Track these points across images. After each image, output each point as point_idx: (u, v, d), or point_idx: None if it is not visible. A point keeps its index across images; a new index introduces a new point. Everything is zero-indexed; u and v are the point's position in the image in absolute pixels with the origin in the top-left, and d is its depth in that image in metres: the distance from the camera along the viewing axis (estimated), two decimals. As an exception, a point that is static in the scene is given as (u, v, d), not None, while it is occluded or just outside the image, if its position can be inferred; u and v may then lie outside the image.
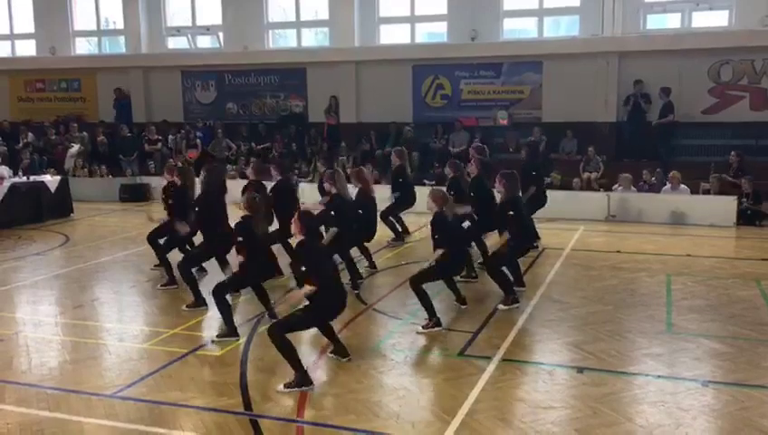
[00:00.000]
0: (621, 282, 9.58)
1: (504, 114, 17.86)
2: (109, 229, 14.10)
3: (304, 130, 19.28)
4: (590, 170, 15.96)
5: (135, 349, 7.13)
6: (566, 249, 11.59)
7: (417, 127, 18.13)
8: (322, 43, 20.03)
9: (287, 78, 19.93)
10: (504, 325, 7.71)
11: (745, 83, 16.38)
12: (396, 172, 12.35)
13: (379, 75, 18.85)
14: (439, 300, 8.19)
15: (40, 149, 19.65)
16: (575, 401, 5.79)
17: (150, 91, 21.22)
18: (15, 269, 10.72)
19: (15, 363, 6.79)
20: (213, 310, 7.88)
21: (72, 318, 8.20)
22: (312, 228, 6.35)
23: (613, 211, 14.49)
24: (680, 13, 17.04)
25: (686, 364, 6.57)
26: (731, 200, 13.86)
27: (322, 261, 6.32)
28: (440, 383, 6.20)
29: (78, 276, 10.22)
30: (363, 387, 6.10)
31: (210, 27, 20.64)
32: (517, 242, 8.56)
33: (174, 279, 9.26)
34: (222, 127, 19.37)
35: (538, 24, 18.15)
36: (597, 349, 6.94)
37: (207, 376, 6.43)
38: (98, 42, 22.31)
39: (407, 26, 19.11)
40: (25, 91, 22.60)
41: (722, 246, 12.12)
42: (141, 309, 8.73)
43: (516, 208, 8.55)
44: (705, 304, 8.50)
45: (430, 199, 7.79)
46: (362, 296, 8.88)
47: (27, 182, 15.05)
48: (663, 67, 16.53)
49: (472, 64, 18.14)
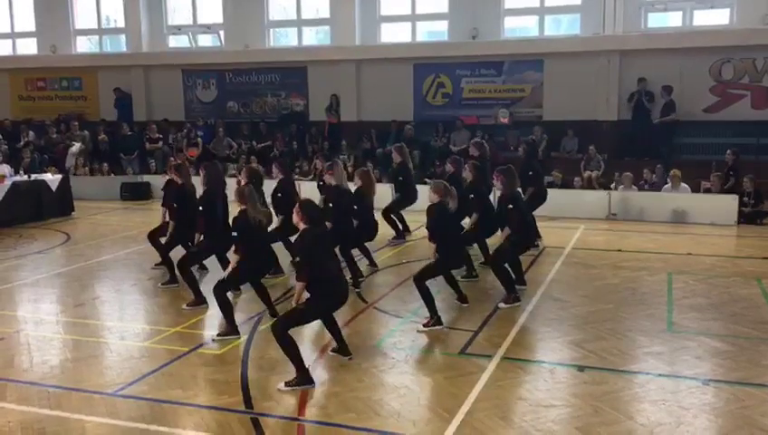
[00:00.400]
0: (622, 280, 9.58)
1: (505, 113, 17.85)
2: (110, 228, 14.11)
3: (305, 128, 19.29)
4: (591, 169, 15.96)
5: (136, 347, 7.14)
6: (567, 248, 11.59)
7: (418, 125, 18.13)
8: (323, 42, 20.03)
9: (288, 76, 19.94)
10: (505, 324, 7.71)
11: (746, 82, 16.38)
12: (397, 169, 12.33)
13: (380, 74, 18.85)
14: (440, 299, 8.19)
15: (41, 148, 19.67)
16: (576, 400, 5.79)
17: (151, 90, 21.24)
18: (17, 268, 10.73)
19: (17, 362, 6.80)
20: (213, 308, 7.88)
21: (74, 316, 8.21)
22: (314, 217, 6.34)
23: (614, 210, 14.49)
24: (681, 11, 17.02)
25: (686, 363, 6.57)
26: (732, 199, 13.85)
27: (320, 250, 6.24)
28: (441, 382, 6.20)
29: (79, 275, 10.23)
30: (364, 385, 6.11)
31: (211, 26, 20.64)
32: (518, 237, 8.57)
33: (175, 278, 9.26)
34: (223, 125, 19.38)
35: (539, 22, 18.13)
36: (598, 347, 6.94)
37: (208, 374, 6.43)
38: (99, 40, 22.32)
39: (407, 25, 19.10)
40: (26, 90, 22.62)
41: (723, 245, 12.12)
42: (142, 307, 8.74)
43: (515, 203, 8.59)
44: (706, 303, 8.51)
45: (432, 191, 7.82)
46: (363, 295, 8.88)
47: (28, 181, 15.06)
48: (664, 65, 16.53)
49: (473, 63, 18.15)
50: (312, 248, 6.19)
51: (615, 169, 15.48)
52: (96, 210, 16.14)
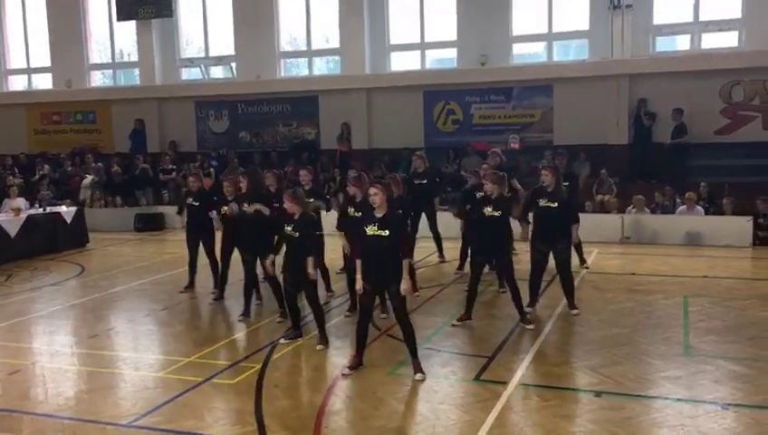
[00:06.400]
0: (637, 304, 9.50)
1: (515, 138, 17.90)
2: (123, 259, 14.19)
3: (317, 157, 19.41)
4: (604, 193, 15.92)
5: (150, 378, 7.14)
6: (581, 272, 11.52)
7: (429, 152, 18.08)
8: (334, 71, 20.24)
9: (299, 106, 20.12)
10: (520, 349, 7.66)
11: (757, 103, 16.36)
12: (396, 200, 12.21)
13: (391, 101, 18.99)
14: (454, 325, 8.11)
15: (56, 181, 19.88)
16: (594, 426, 5.72)
17: (164, 122, 21.49)
18: (32, 300, 10.80)
19: (32, 394, 6.81)
20: (225, 338, 7.84)
21: (88, 348, 8.23)
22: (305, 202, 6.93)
23: (627, 233, 14.42)
24: (689, 34, 17.09)
25: (705, 387, 6.49)
26: (746, 220, 13.76)
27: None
28: (456, 409, 6.14)
29: (93, 306, 10.27)
30: (379, 414, 6.06)
31: (223, 57, 20.93)
32: (531, 242, 8.84)
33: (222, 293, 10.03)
34: (235, 156, 19.53)
35: (547, 48, 18.26)
36: (614, 372, 6.87)
37: (223, 404, 6.42)
38: (113, 74, 22.68)
39: (417, 53, 19.28)
40: (42, 124, 22.96)
41: (738, 267, 12.01)
42: (156, 338, 8.75)
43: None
44: (723, 326, 8.41)
45: (490, 183, 8.32)
46: (375, 322, 8.85)
47: (44, 214, 15.21)
48: (674, 88, 16.55)
49: (482, 89, 18.25)
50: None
51: (627, 193, 15.44)
52: (110, 242, 16.25)
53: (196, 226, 10.52)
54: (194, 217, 10.50)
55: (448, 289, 10.52)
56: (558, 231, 8.73)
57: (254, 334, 8.50)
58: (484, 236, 8.53)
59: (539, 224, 8.88)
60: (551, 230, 8.73)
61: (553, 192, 8.69)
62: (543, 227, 8.81)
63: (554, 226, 8.69)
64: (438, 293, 10.33)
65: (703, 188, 14.86)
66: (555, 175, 8.77)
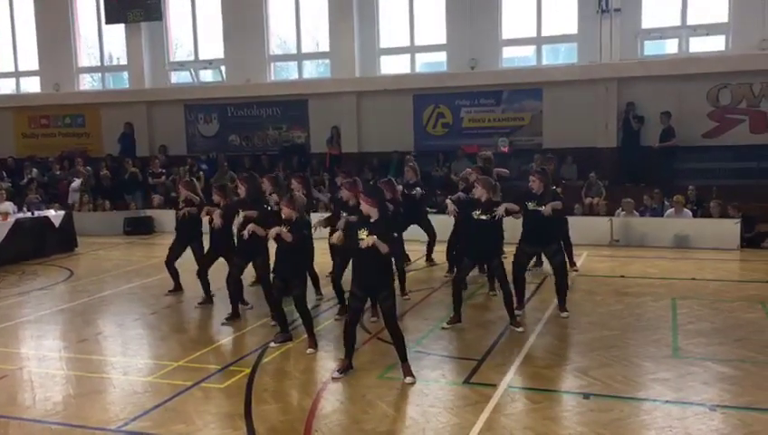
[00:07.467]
0: (626, 306, 9.55)
1: (504, 141, 17.94)
2: (112, 263, 14.13)
3: (306, 160, 19.40)
4: (593, 196, 15.99)
5: (139, 382, 7.11)
6: (571, 274, 11.53)
7: (418, 155, 18.20)
8: (324, 75, 20.24)
9: (289, 109, 20.12)
10: (509, 352, 7.67)
11: (744, 107, 16.49)
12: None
13: (381, 105, 19.02)
14: (443, 328, 8.12)
15: (44, 185, 19.77)
16: (582, 428, 5.74)
17: (154, 125, 21.43)
18: (20, 304, 10.72)
19: (20, 399, 6.77)
20: (216, 342, 7.83)
21: (77, 352, 8.18)
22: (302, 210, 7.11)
23: (616, 236, 14.49)
24: (677, 38, 17.21)
25: (693, 389, 6.53)
26: (734, 223, 13.85)
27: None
28: (446, 412, 6.15)
29: (82, 310, 10.21)
30: (369, 417, 6.06)
31: (212, 61, 20.89)
32: (519, 242, 8.91)
33: (211, 298, 10.03)
34: (225, 159, 19.49)
35: (536, 51, 18.33)
36: (603, 374, 6.89)
37: (212, 408, 6.39)
38: (101, 77, 22.59)
39: (407, 56, 19.31)
40: (30, 128, 22.84)
41: (726, 269, 12.09)
42: (145, 342, 8.71)
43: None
44: (712, 328, 8.46)
45: (480, 186, 8.34)
46: (365, 325, 8.85)
47: (32, 218, 15.11)
48: (662, 92, 16.68)
49: (472, 92, 18.30)
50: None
51: (616, 196, 15.51)
52: (99, 245, 16.17)
53: (190, 232, 10.55)
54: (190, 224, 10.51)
55: (438, 292, 10.53)
56: (545, 234, 8.81)
57: (244, 338, 8.48)
58: (474, 239, 8.55)
59: (527, 226, 8.95)
60: (538, 233, 8.80)
61: (542, 196, 8.73)
62: (531, 230, 8.88)
63: (542, 228, 8.75)
64: (428, 296, 10.34)
65: (691, 191, 15.00)
66: (543, 181, 8.83)
